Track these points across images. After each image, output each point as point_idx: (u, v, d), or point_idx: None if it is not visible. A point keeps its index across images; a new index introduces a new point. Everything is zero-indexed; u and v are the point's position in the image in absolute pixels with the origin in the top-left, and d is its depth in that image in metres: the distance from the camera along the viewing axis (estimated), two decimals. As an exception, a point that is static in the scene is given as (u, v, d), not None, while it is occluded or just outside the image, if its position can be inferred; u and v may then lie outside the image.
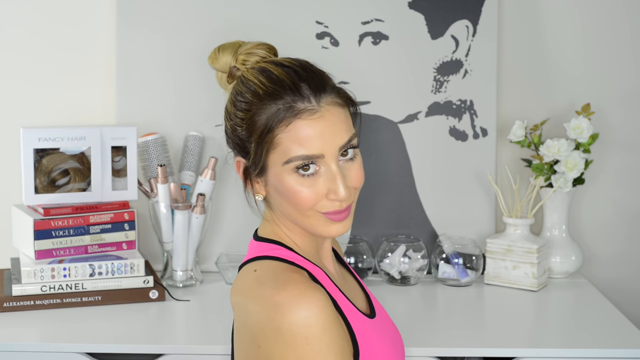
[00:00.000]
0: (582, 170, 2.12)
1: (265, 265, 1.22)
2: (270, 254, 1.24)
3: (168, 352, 1.74)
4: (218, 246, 2.21)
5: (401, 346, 1.37)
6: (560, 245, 2.19)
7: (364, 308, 1.34)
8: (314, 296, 1.13)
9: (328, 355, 1.13)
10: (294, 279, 1.16)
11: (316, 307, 1.13)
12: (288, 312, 1.12)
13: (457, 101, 2.22)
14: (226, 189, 2.21)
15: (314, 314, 1.12)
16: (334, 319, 1.15)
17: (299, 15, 2.18)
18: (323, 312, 1.13)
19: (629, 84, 2.27)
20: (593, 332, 1.85)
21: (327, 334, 1.13)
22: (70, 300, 1.93)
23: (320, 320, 1.13)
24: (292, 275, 1.17)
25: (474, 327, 1.91)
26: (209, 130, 2.19)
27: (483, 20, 2.21)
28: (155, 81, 2.20)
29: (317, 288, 1.15)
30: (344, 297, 1.26)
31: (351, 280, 1.40)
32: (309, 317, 1.12)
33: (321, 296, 1.14)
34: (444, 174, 2.24)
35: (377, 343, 1.25)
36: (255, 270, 1.21)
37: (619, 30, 2.26)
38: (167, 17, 2.18)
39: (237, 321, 1.21)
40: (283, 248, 1.25)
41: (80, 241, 2.00)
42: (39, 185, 2.02)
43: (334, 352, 1.13)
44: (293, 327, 1.12)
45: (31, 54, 2.20)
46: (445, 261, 2.15)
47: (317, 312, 1.13)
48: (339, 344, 1.15)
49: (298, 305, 1.12)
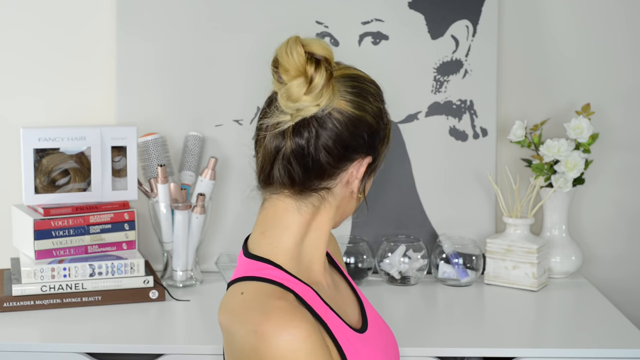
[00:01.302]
0: (582, 170, 2.12)
1: (252, 288, 1.21)
2: (258, 275, 1.23)
3: (168, 352, 1.74)
4: (218, 246, 2.21)
5: (394, 354, 1.37)
6: (560, 245, 2.19)
7: (355, 321, 1.33)
8: (298, 326, 1.12)
9: None
10: (278, 306, 1.15)
11: (300, 337, 1.12)
12: (271, 342, 1.11)
13: (457, 101, 2.22)
14: (226, 189, 2.21)
15: (297, 344, 1.12)
16: (319, 347, 1.14)
17: (299, 15, 2.18)
18: (307, 342, 1.12)
19: (628, 83, 2.27)
20: (593, 332, 1.85)
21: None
22: (70, 300, 1.93)
23: (303, 349, 1.12)
24: (277, 302, 1.16)
25: (473, 327, 1.91)
26: (209, 130, 2.19)
27: (483, 20, 2.21)
28: (155, 81, 2.20)
29: (302, 316, 1.14)
30: (335, 315, 1.25)
31: (344, 288, 1.38)
32: (292, 347, 1.11)
33: (306, 325, 1.13)
34: (444, 174, 2.24)
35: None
36: (242, 292, 1.20)
37: (619, 30, 2.26)
38: (167, 17, 2.18)
39: (225, 340, 1.21)
40: (273, 267, 1.23)
41: (80, 241, 2.00)
42: (39, 185, 2.02)
43: None
44: (276, 357, 1.12)
45: (31, 54, 2.20)
46: (445, 261, 2.15)
47: (300, 342, 1.12)
48: None
49: (280, 335, 1.11)
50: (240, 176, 2.19)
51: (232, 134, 2.19)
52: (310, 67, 1.18)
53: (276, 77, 1.21)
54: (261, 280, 1.21)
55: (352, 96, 1.23)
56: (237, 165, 2.19)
